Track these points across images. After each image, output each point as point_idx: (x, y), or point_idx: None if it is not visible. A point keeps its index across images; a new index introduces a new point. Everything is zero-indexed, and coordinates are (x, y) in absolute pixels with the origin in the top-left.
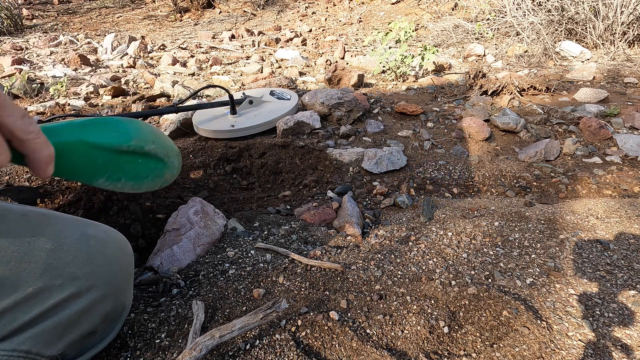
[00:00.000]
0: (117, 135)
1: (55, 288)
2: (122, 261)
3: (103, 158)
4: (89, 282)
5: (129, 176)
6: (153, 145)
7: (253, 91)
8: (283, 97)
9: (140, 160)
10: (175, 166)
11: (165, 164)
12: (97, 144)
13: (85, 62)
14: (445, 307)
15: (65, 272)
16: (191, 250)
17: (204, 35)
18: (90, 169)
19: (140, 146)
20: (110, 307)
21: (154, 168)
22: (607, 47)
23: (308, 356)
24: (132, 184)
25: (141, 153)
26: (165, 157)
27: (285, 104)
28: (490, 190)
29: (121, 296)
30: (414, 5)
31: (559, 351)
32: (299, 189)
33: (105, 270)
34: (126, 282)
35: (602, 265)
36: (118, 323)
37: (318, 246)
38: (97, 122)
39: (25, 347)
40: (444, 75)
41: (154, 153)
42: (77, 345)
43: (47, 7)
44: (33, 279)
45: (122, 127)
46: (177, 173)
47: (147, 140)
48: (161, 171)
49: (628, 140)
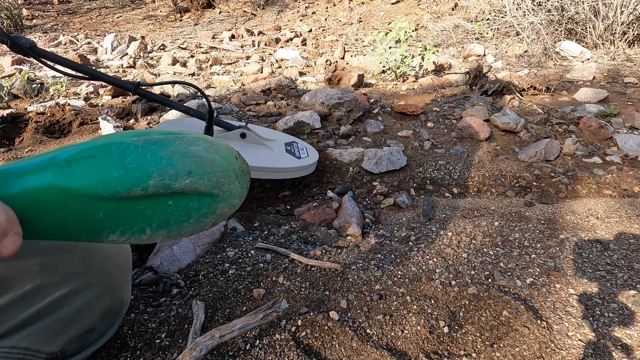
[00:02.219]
0: (124, 174)
1: (53, 285)
2: (119, 257)
3: (106, 210)
4: (86, 279)
5: (158, 224)
6: (189, 178)
7: (268, 132)
8: (297, 152)
9: (170, 201)
10: (236, 194)
11: (215, 197)
12: (87, 193)
13: (85, 62)
14: (445, 307)
15: (63, 269)
16: (191, 250)
17: (204, 35)
18: (88, 226)
19: (165, 185)
20: (108, 304)
21: (197, 207)
22: (607, 47)
23: (308, 356)
24: (164, 232)
25: (170, 193)
26: (213, 188)
27: (292, 161)
28: (490, 190)
29: (119, 292)
30: (414, 5)
31: (559, 351)
32: (299, 189)
33: (103, 267)
34: (124, 278)
35: (602, 265)
36: (117, 319)
37: (318, 246)
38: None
39: (24, 344)
40: (444, 75)
41: (191, 189)
42: (77, 342)
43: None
44: (31, 277)
45: (132, 158)
46: (240, 201)
47: (177, 174)
48: (210, 207)
49: (628, 140)
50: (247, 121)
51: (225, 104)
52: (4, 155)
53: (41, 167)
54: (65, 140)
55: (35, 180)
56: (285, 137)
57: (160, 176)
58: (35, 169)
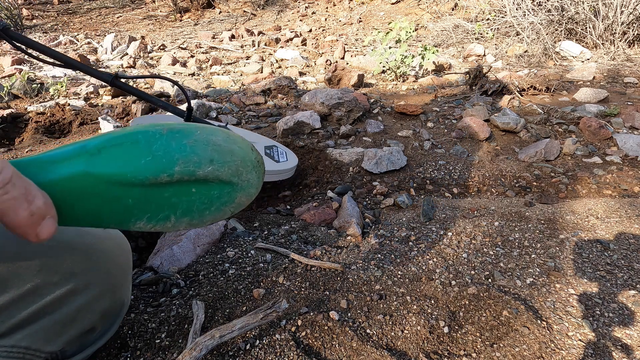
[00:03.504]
0: (152, 161)
1: (52, 285)
2: (120, 257)
3: (134, 196)
4: (86, 279)
5: (182, 212)
6: (211, 166)
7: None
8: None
9: (194, 188)
10: (253, 183)
11: (235, 185)
12: (117, 180)
13: (85, 62)
14: (445, 307)
15: (62, 269)
16: (191, 250)
17: (204, 35)
18: (118, 212)
19: (190, 172)
20: (108, 304)
21: (218, 195)
22: (607, 47)
23: (308, 356)
24: (187, 220)
25: (194, 180)
26: (233, 176)
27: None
28: (490, 190)
29: (119, 292)
30: (414, 5)
31: (559, 351)
32: (299, 189)
33: (103, 267)
34: (124, 278)
35: (602, 265)
36: (117, 319)
37: (318, 246)
38: (119, 140)
39: (24, 343)
40: (444, 75)
41: (213, 177)
42: (77, 342)
43: (47, 7)
44: (30, 276)
45: (158, 146)
46: (257, 191)
47: (200, 161)
48: (230, 196)
49: (628, 140)
50: (247, 121)
51: (225, 104)
52: (4, 155)
53: (73, 155)
54: (65, 140)
55: (68, 168)
56: (267, 141)
57: (184, 163)
58: (67, 157)
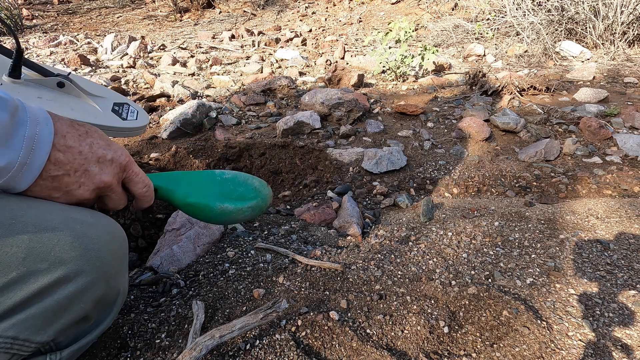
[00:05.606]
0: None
1: (40, 272)
2: (112, 244)
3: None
4: (77, 266)
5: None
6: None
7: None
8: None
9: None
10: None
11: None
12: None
13: (85, 62)
14: (445, 307)
15: (51, 256)
16: (191, 250)
17: (204, 35)
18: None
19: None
20: (101, 292)
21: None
22: (607, 47)
23: (308, 356)
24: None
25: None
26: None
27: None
28: (490, 190)
29: (112, 281)
30: (414, 5)
31: (559, 351)
32: (299, 189)
33: (94, 254)
34: (117, 266)
35: (602, 265)
36: (113, 309)
37: (318, 246)
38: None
39: (11, 333)
40: (444, 75)
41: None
42: (70, 332)
43: (47, 7)
44: (16, 264)
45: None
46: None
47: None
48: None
49: (628, 140)
50: (247, 121)
51: (225, 104)
52: None
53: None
54: None
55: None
56: (119, 97)
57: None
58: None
